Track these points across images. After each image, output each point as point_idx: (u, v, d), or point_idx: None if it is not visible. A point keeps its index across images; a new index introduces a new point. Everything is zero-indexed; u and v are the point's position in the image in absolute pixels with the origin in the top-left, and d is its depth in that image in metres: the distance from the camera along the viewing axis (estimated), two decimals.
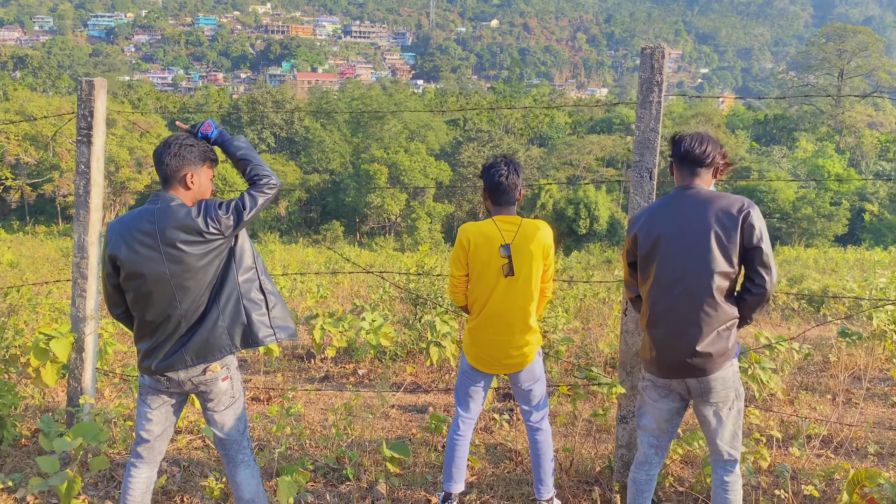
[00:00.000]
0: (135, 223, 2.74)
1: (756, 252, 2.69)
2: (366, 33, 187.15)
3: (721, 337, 2.73)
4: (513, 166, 3.33)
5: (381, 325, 6.94)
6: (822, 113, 66.72)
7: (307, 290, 12.31)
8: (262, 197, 2.86)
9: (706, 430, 2.87)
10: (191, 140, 2.85)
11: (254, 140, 55.96)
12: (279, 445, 4.28)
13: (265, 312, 2.91)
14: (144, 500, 2.97)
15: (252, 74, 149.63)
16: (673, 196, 2.87)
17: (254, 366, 6.87)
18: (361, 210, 48.49)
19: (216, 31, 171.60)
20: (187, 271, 2.72)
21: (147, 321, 2.78)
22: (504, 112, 63.20)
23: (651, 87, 3.43)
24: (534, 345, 3.35)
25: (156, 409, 2.91)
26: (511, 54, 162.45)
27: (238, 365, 3.03)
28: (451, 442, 3.46)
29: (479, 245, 3.23)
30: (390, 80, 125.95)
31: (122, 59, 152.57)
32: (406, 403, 5.74)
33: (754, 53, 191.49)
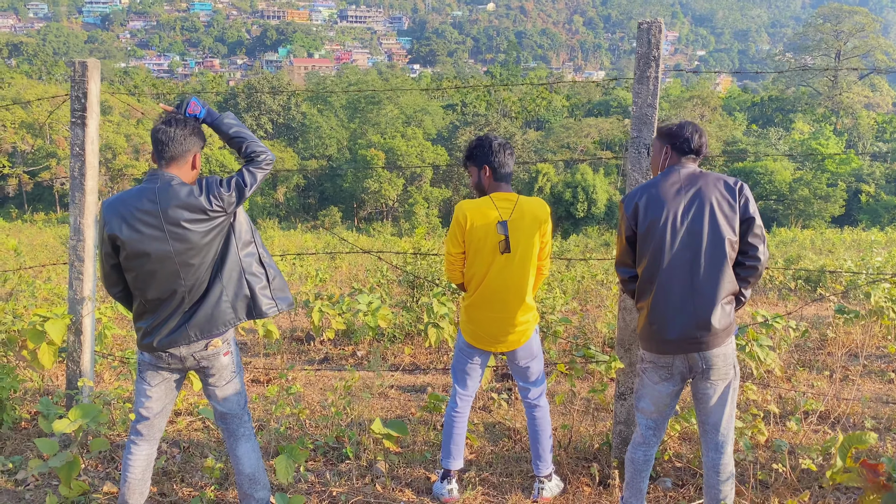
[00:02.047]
0: (135, 202, 2.73)
1: (750, 222, 2.72)
2: (362, 18, 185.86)
3: (724, 311, 2.73)
4: (508, 144, 3.33)
5: (379, 307, 6.96)
6: (818, 94, 66.51)
7: (306, 273, 12.32)
8: (260, 173, 2.87)
9: (702, 409, 2.87)
10: (187, 120, 2.85)
11: (252, 126, 55.78)
12: (279, 425, 4.30)
13: (266, 285, 2.93)
14: (145, 477, 2.98)
15: (248, 60, 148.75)
16: (669, 172, 2.87)
17: (254, 348, 6.88)
18: (359, 195, 48.41)
19: (212, 17, 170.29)
20: (191, 249, 2.73)
21: (150, 299, 2.78)
22: (501, 96, 62.96)
23: (648, 63, 3.41)
24: (531, 322, 3.36)
25: (156, 387, 2.92)
26: (508, 37, 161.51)
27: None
28: (449, 419, 3.48)
29: (476, 222, 3.23)
30: (387, 65, 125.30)
31: (118, 45, 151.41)
32: (405, 384, 5.76)
33: (751, 35, 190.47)
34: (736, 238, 2.73)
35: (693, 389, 2.89)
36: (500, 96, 63.27)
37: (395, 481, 3.66)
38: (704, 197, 2.73)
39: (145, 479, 2.99)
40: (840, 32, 71.05)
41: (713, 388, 2.81)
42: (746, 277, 2.76)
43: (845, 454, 2.15)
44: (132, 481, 2.95)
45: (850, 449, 2.18)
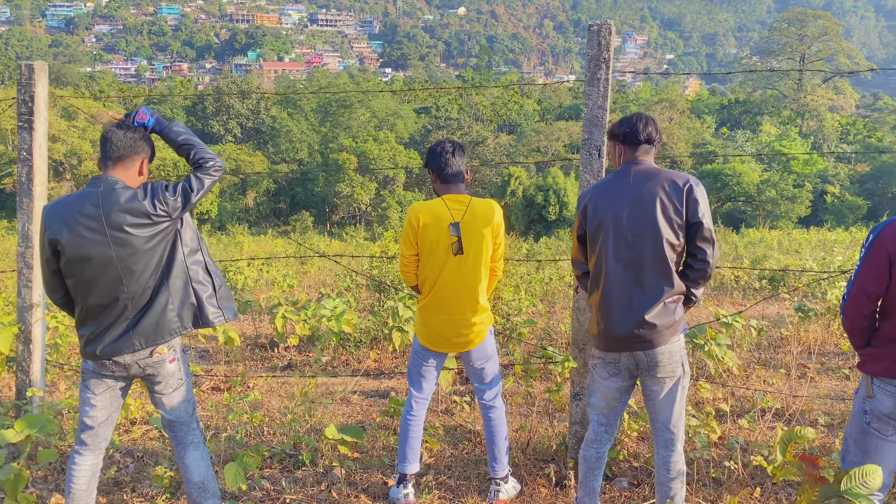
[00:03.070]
0: (77, 206, 2.67)
1: (698, 226, 2.73)
2: (332, 21, 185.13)
3: (668, 309, 2.75)
4: (457, 146, 3.33)
5: (344, 311, 6.91)
6: (784, 97, 67.74)
7: (272, 279, 12.20)
8: (208, 179, 2.83)
9: (652, 406, 2.89)
10: (137, 128, 2.82)
11: (220, 131, 55.20)
12: (235, 433, 4.24)
13: (213, 293, 2.89)
14: (90, 488, 2.92)
15: (217, 64, 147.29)
16: (621, 171, 2.89)
17: (215, 356, 6.79)
18: (331, 200, 48.14)
19: (180, 21, 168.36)
20: (134, 254, 2.68)
21: (91, 305, 2.73)
22: (473, 100, 63.16)
23: (598, 65, 3.43)
24: (485, 323, 3.35)
25: (100, 395, 2.85)
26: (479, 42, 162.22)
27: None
28: (404, 422, 3.46)
29: (429, 224, 3.22)
30: (358, 69, 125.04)
31: (83, 49, 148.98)
32: (368, 389, 5.72)
33: (718, 39, 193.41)
34: (678, 240, 2.74)
35: (642, 387, 2.91)
36: (473, 100, 63.46)
37: (352, 487, 3.63)
38: (650, 197, 2.74)
39: (90, 489, 2.92)
40: (804, 36, 72.46)
41: (661, 386, 2.83)
42: (695, 279, 2.79)
43: (785, 449, 2.18)
44: (76, 492, 2.88)
45: (790, 444, 2.20)
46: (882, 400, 2.42)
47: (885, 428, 2.42)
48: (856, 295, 2.42)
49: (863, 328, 2.47)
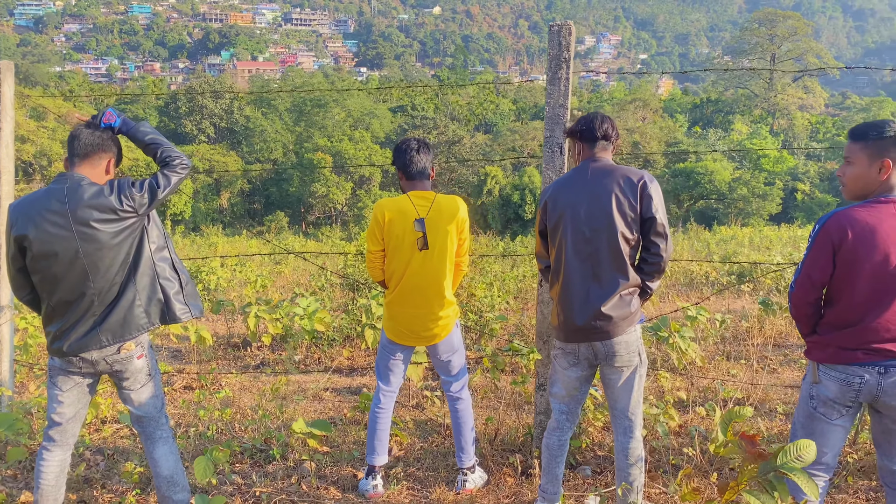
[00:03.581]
0: (43, 203, 2.70)
1: (652, 221, 2.83)
2: (307, 21, 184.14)
3: (623, 301, 2.85)
4: (422, 144, 3.41)
5: (316, 310, 6.95)
6: (755, 96, 68.70)
7: (246, 279, 12.18)
8: (175, 176, 2.87)
9: (610, 394, 3.00)
10: (104, 129, 2.85)
11: (193, 131, 54.67)
12: (206, 429, 4.27)
13: (180, 290, 2.93)
14: (59, 483, 2.94)
15: (190, 64, 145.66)
16: (580, 168, 2.98)
17: (188, 355, 6.79)
18: (306, 200, 47.92)
19: (151, 20, 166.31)
20: (100, 249, 2.71)
21: (58, 302, 2.75)
22: (449, 99, 63.25)
23: (559, 64, 3.52)
24: (451, 317, 3.43)
25: (67, 392, 2.88)
26: (454, 41, 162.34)
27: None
28: (372, 415, 3.52)
29: (394, 220, 3.29)
30: (333, 68, 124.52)
31: (53, 49, 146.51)
32: (340, 386, 5.77)
33: (691, 39, 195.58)
34: (632, 234, 2.84)
35: (601, 376, 3.01)
36: (449, 100, 63.57)
37: (322, 480, 3.68)
38: (607, 193, 2.84)
39: (59, 485, 2.95)
40: (774, 36, 73.53)
41: (618, 375, 2.93)
42: (650, 272, 2.89)
43: (726, 429, 2.28)
44: (45, 488, 2.91)
45: (730, 423, 2.31)
46: (828, 385, 2.53)
47: (830, 412, 2.54)
48: (802, 283, 2.53)
49: (808, 315, 2.58)
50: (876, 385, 2.44)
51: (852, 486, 3.47)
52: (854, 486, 3.47)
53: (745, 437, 2.05)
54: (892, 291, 2.39)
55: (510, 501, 3.44)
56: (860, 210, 2.43)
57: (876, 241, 2.37)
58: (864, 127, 2.53)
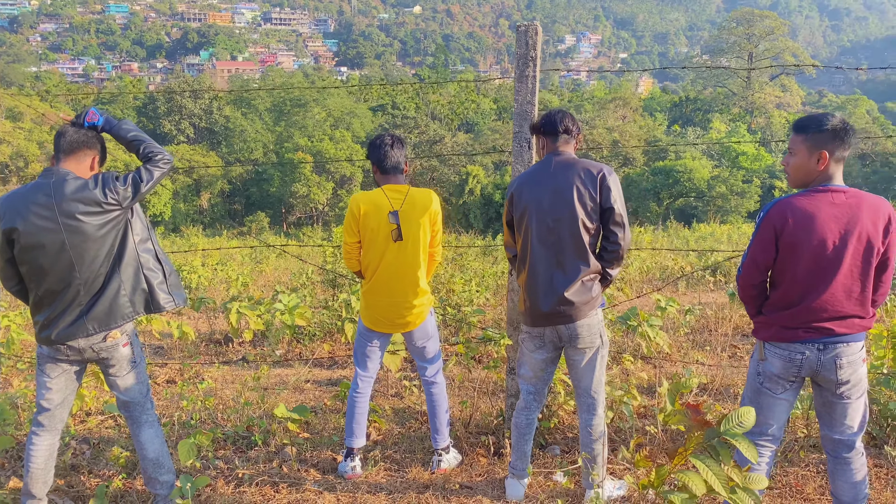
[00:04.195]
0: (30, 197, 2.82)
1: (610, 212, 3.01)
2: (286, 20, 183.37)
3: (585, 287, 3.03)
4: (396, 139, 3.57)
5: (297, 305, 7.07)
6: (734, 95, 69.49)
7: (227, 278, 12.25)
8: (157, 171, 3.00)
9: (574, 374, 3.18)
10: (86, 127, 2.97)
11: (172, 131, 54.37)
12: (190, 418, 4.39)
13: (163, 280, 3.06)
14: (48, 467, 3.06)
15: (169, 64, 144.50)
16: (544, 161, 3.16)
17: (170, 351, 6.89)
18: (287, 200, 47.83)
19: (129, 19, 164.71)
20: (86, 241, 2.83)
21: (45, 292, 2.87)
22: (430, 98, 63.37)
23: (527, 63, 3.69)
24: (425, 305, 3.58)
25: (55, 378, 3.00)
26: (435, 40, 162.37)
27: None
28: (351, 400, 3.67)
29: (369, 212, 3.44)
30: (313, 68, 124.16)
31: (28, 49, 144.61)
32: (321, 378, 5.91)
33: (670, 38, 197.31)
34: (592, 224, 3.01)
35: (566, 357, 3.19)
36: (430, 99, 63.68)
37: (302, 463, 3.83)
38: (568, 184, 3.01)
39: (48, 468, 3.07)
40: (752, 35, 74.38)
41: (581, 356, 3.11)
42: (609, 259, 3.07)
43: (674, 399, 2.46)
44: (35, 471, 3.03)
45: (677, 394, 2.48)
46: (773, 362, 2.72)
47: (775, 387, 2.73)
48: (747, 266, 2.72)
49: (754, 297, 2.77)
50: (816, 361, 2.64)
51: (804, 459, 3.68)
52: (806, 459, 3.68)
53: (690, 407, 2.23)
54: (829, 274, 2.58)
55: (483, 479, 3.60)
56: (801, 198, 2.62)
57: (814, 227, 2.56)
58: (805, 120, 2.72)
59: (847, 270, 2.57)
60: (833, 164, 2.63)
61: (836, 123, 2.62)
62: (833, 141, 2.62)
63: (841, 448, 2.76)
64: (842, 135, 2.61)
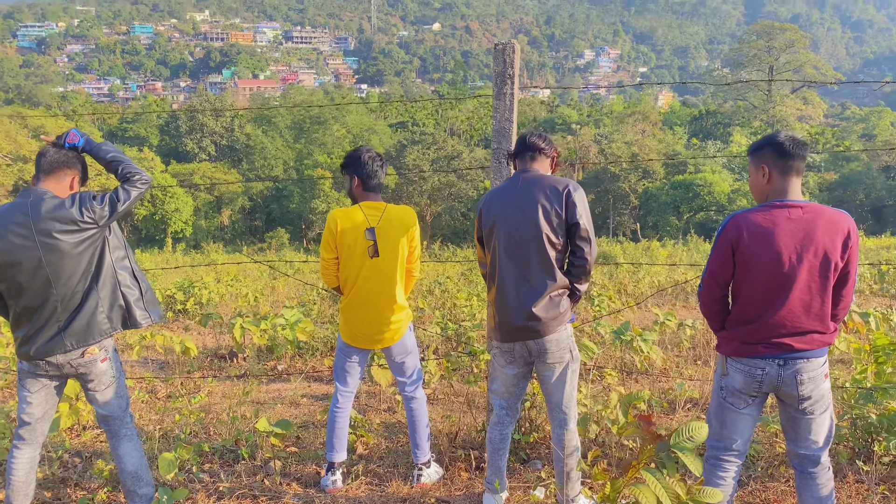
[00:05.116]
0: (7, 216, 2.91)
1: (576, 227, 3.03)
2: (307, 38, 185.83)
3: (553, 302, 3.05)
4: (384, 159, 3.62)
5: (299, 320, 7.15)
6: (754, 108, 69.03)
7: (238, 293, 12.40)
8: (135, 191, 3.08)
9: (545, 389, 3.19)
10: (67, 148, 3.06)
11: (194, 149, 55.17)
12: (181, 432, 4.46)
13: (140, 297, 3.13)
14: (29, 479, 3.14)
15: (192, 83, 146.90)
16: (513, 178, 3.20)
17: (174, 367, 6.98)
18: (307, 216, 48.22)
19: (153, 40, 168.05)
20: (62, 258, 2.91)
21: (24, 308, 2.95)
22: (449, 114, 63.69)
23: (504, 80, 3.74)
24: (403, 321, 3.62)
25: (35, 393, 3.08)
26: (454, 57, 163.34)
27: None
28: (331, 415, 3.71)
29: (346, 229, 3.49)
30: (334, 85, 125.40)
31: (55, 69, 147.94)
32: (318, 393, 5.95)
33: (690, 52, 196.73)
34: (558, 239, 3.03)
35: (536, 372, 3.20)
36: (448, 115, 64.01)
37: (285, 477, 3.87)
38: (533, 200, 3.04)
39: (29, 481, 3.14)
40: (772, 48, 73.92)
41: (551, 371, 3.12)
42: (577, 274, 3.09)
43: (626, 411, 2.47)
44: (16, 483, 3.10)
45: (629, 406, 2.49)
46: (734, 377, 2.72)
47: (738, 401, 2.73)
48: (707, 281, 2.73)
49: (716, 311, 2.77)
50: (776, 376, 2.63)
51: (784, 474, 3.65)
52: (786, 473, 3.65)
53: (642, 419, 2.24)
54: (785, 290, 2.58)
55: (462, 493, 3.62)
56: (757, 213, 2.63)
57: (769, 242, 2.57)
58: (755, 142, 2.77)
59: (804, 286, 2.57)
60: (780, 177, 2.65)
61: (774, 138, 2.67)
62: (772, 155, 2.65)
63: (807, 463, 2.74)
64: (781, 148, 2.64)
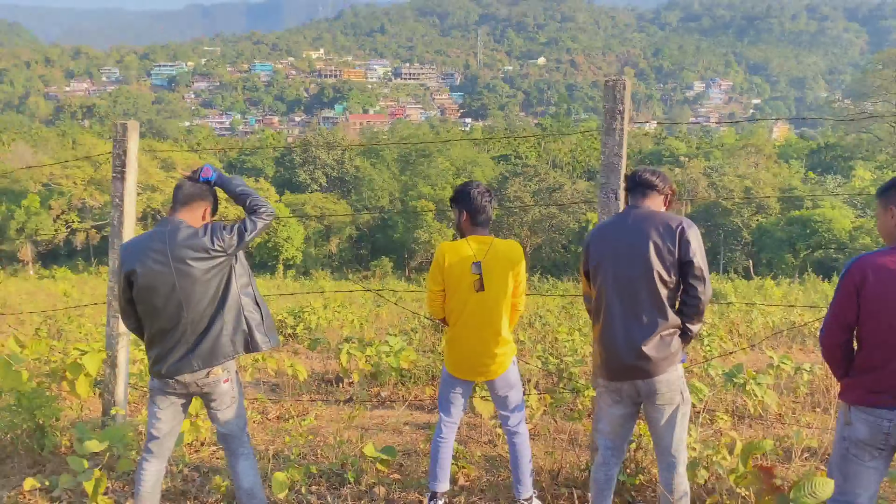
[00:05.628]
0: (147, 243, 3.18)
1: (689, 265, 2.96)
2: (415, 75, 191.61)
3: (664, 342, 2.99)
4: (492, 193, 3.69)
5: (403, 348, 7.30)
6: (879, 140, 64.93)
7: (344, 320, 12.78)
8: (261, 222, 3.29)
9: (654, 431, 3.11)
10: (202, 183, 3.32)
11: (306, 180, 57.67)
12: (290, 453, 4.63)
13: (261, 322, 3.32)
14: (155, 490, 3.35)
15: (306, 117, 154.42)
16: (623, 213, 3.18)
17: (284, 389, 7.27)
18: (410, 245, 49.23)
19: (272, 77, 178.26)
20: (194, 284, 3.13)
21: (158, 329, 3.19)
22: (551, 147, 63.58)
23: (614, 116, 3.75)
24: (507, 355, 3.64)
25: (164, 409, 3.30)
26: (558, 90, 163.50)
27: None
28: (434, 444, 3.76)
29: (454, 262, 3.57)
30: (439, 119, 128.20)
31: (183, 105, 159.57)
32: (421, 422, 6.03)
33: (807, 82, 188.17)
34: (670, 277, 2.98)
35: (644, 413, 3.13)
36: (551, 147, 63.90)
37: (389, 503, 3.94)
38: (644, 237, 3.01)
39: (155, 492, 3.36)
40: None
41: (661, 413, 3.05)
42: (689, 314, 3.02)
43: (746, 460, 2.35)
44: (144, 493, 3.32)
45: (749, 455, 2.38)
46: (859, 427, 2.56)
47: (863, 454, 2.57)
48: (829, 325, 2.61)
49: (839, 358, 2.63)
50: None
51: None
52: None
53: (762, 469, 2.16)
54: None
55: None
56: (883, 255, 2.51)
57: (895, 285, 2.43)
58: (885, 183, 2.65)
59: None
60: None
61: None
62: None
63: None
64: None
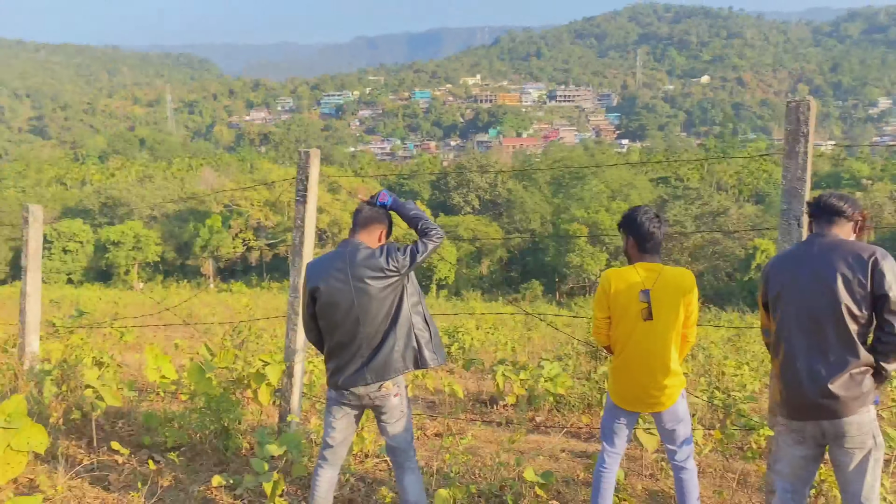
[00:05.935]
0: (330, 263, 3.42)
1: (884, 299, 2.73)
2: (570, 97, 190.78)
3: (854, 380, 2.76)
4: (663, 219, 3.59)
5: (559, 374, 7.23)
6: None
7: (497, 342, 12.87)
8: (431, 244, 3.44)
9: (841, 477, 2.87)
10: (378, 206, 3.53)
11: (460, 203, 58.96)
12: (450, 470, 4.73)
13: (430, 339, 3.45)
14: (328, 496, 3.56)
15: (461, 142, 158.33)
16: (807, 241, 2.99)
17: (441, 406, 7.44)
18: (561, 269, 48.71)
19: (430, 104, 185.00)
20: (370, 301, 3.33)
21: (337, 343, 3.41)
22: (715, 168, 60.76)
23: (797, 139, 3.55)
24: (676, 387, 3.52)
25: (339, 419, 3.51)
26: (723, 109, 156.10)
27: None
28: (597, 474, 3.70)
29: (621, 290, 3.51)
30: (594, 141, 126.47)
31: (349, 132, 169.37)
32: (577, 450, 5.94)
33: None
34: (861, 312, 2.75)
35: (830, 457, 2.90)
36: (715, 168, 61.09)
37: None
38: (831, 268, 2.80)
39: (328, 498, 3.57)
40: None
41: (849, 457, 2.81)
42: (884, 352, 2.77)
43: None
44: (318, 498, 3.55)
45: None
46: None
47: None
48: None
49: None
50: None
51: None
52: None
53: None
54: None
55: None
56: None
57: None
58: None
59: None
60: None
61: None
62: None
63: None
64: None
